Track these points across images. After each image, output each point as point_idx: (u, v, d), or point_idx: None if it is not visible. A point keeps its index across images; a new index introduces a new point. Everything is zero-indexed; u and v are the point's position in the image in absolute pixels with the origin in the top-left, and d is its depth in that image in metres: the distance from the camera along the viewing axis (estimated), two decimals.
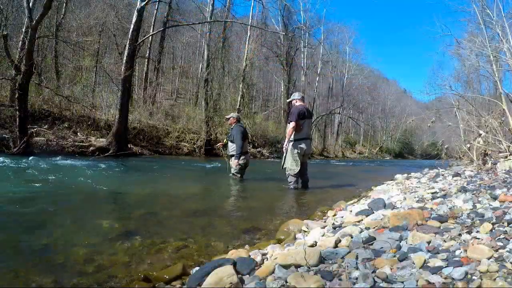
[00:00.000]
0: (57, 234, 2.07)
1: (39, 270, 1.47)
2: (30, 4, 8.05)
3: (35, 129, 8.66)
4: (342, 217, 2.37)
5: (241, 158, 5.39)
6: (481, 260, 1.14)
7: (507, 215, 1.62)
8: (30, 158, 6.61)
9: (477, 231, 1.48)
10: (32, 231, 2.11)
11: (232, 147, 5.42)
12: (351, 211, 2.50)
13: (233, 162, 5.42)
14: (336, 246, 1.54)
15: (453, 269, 1.08)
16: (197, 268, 1.46)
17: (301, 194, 4.21)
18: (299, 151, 4.38)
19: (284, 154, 4.48)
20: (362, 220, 2.12)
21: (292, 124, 4.33)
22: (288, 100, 4.99)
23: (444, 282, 1.03)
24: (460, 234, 1.46)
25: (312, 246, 1.61)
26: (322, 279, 1.13)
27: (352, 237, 1.63)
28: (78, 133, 10.92)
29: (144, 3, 10.69)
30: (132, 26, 10.68)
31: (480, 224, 1.55)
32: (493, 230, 1.44)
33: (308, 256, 1.31)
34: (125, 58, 10.66)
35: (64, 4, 14.84)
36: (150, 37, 15.90)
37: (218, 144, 6.41)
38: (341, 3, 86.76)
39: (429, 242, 1.39)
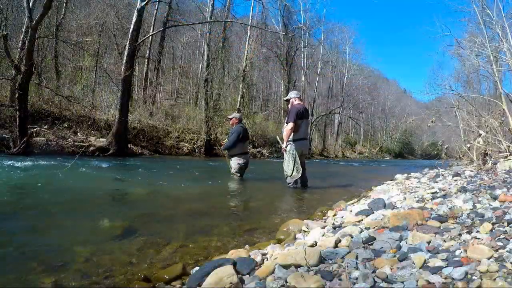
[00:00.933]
0: (56, 234, 2.07)
1: (38, 270, 1.47)
2: (30, 4, 8.04)
3: (35, 129, 8.66)
4: (342, 217, 2.37)
5: (241, 158, 5.42)
6: (481, 260, 1.14)
7: (507, 215, 1.62)
8: (30, 158, 6.61)
9: (477, 231, 1.47)
10: (31, 231, 2.11)
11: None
12: (351, 211, 2.50)
13: (233, 162, 5.46)
14: (336, 246, 1.54)
15: (453, 269, 1.08)
16: (197, 268, 1.46)
17: (301, 194, 4.20)
18: (297, 151, 4.37)
19: (285, 158, 4.42)
20: (362, 220, 2.12)
21: (290, 125, 4.29)
22: (285, 99, 4.94)
23: (444, 282, 1.03)
24: (460, 234, 1.46)
25: (312, 246, 1.61)
26: (322, 279, 1.13)
27: (352, 237, 1.63)
28: (78, 133, 10.92)
29: (144, 3, 10.70)
30: (132, 26, 10.68)
31: (480, 224, 1.54)
32: (493, 230, 1.44)
33: (308, 256, 1.31)
34: (125, 58, 10.67)
35: (64, 4, 14.84)
36: (150, 37, 15.90)
37: (221, 142, 6.46)
38: (341, 3, 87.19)
39: (429, 242, 1.39)
